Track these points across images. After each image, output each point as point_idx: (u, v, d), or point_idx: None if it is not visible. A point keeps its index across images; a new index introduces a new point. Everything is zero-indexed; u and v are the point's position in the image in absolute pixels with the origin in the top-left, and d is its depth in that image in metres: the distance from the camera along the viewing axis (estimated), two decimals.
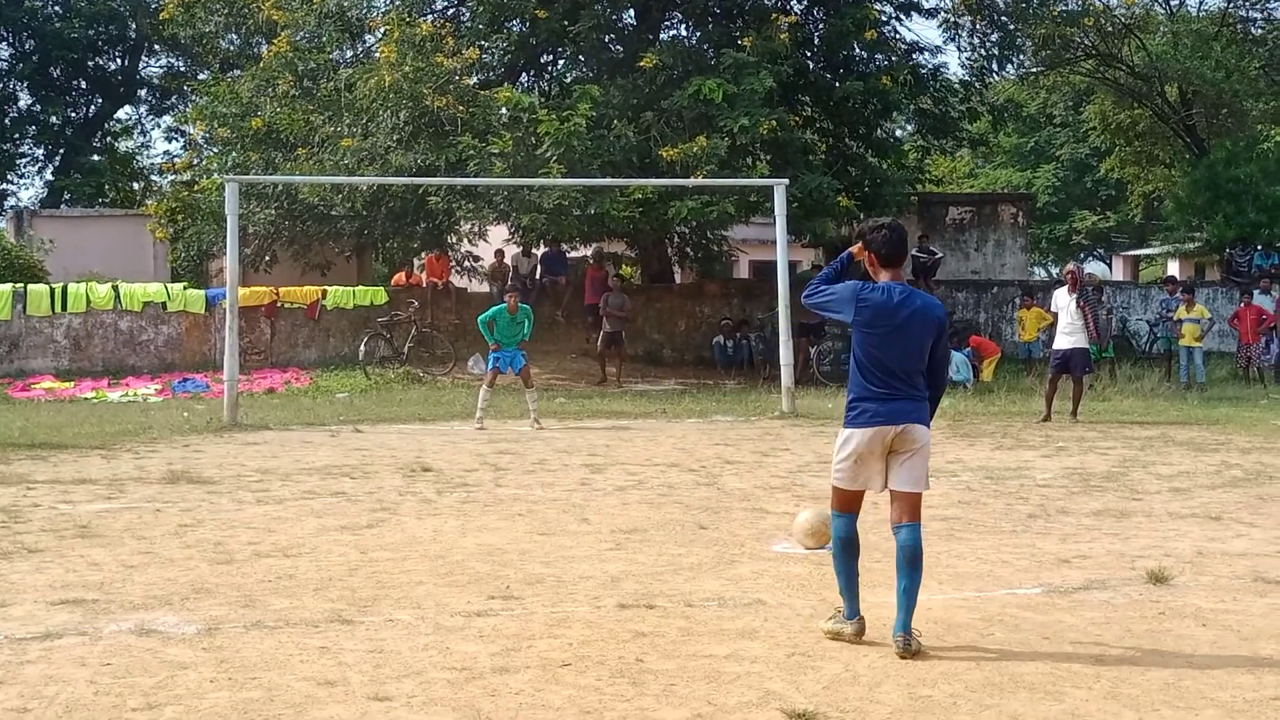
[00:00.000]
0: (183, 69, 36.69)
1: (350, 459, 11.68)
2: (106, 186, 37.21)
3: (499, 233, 25.15)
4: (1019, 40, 26.51)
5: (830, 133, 23.94)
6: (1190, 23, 31.62)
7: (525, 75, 24.51)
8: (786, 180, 17.53)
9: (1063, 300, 15.09)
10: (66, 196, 35.75)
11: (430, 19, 22.22)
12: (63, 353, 21.14)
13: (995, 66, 26.51)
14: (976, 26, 25.48)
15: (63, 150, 37.64)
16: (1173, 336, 21.59)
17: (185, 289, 22.29)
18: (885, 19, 23.71)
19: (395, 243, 23.80)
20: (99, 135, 39.49)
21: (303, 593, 6.40)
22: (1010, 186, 43.41)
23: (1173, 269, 35.83)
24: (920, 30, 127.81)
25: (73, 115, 38.47)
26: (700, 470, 11.00)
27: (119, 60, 38.60)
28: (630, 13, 23.57)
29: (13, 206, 34.39)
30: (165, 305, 21.71)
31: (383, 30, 21.65)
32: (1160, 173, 34.60)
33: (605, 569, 7.00)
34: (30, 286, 21.39)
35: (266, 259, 23.30)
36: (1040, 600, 6.31)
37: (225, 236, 16.05)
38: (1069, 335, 14.93)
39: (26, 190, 41.23)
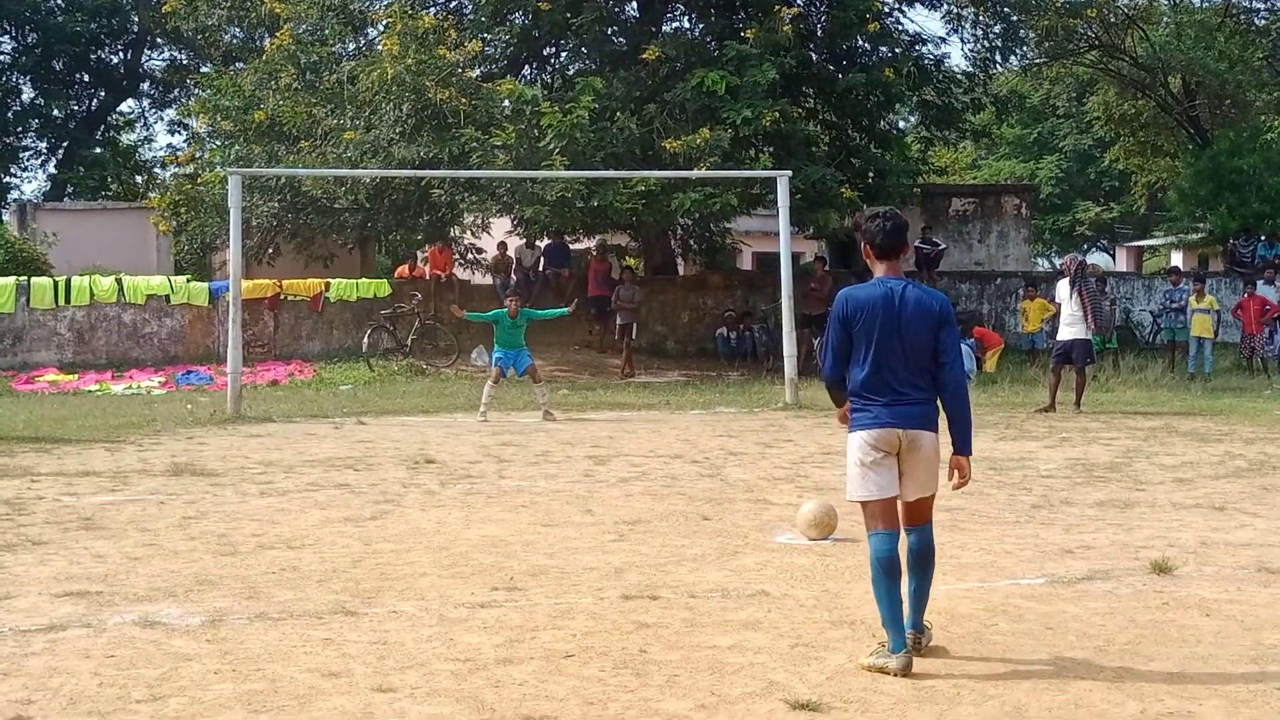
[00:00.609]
0: (185, 62, 36.71)
1: (354, 451, 11.68)
2: (109, 179, 37.17)
3: (502, 225, 25.09)
4: (1022, 31, 26.55)
5: (833, 124, 23.92)
6: (1193, 13, 31.60)
7: (528, 67, 24.47)
8: (789, 172, 17.61)
9: (1064, 291, 15.16)
10: (69, 190, 35.76)
11: (433, 12, 22.17)
12: (66, 345, 21.27)
13: (998, 58, 26.59)
14: (979, 18, 25.54)
15: (66, 143, 37.60)
16: (1176, 327, 21.60)
17: (188, 282, 22.40)
18: (888, 10, 23.69)
19: (398, 235, 23.84)
20: (102, 128, 39.44)
21: (306, 584, 6.40)
22: (1013, 178, 43.37)
23: (1176, 260, 35.73)
24: (923, 22, 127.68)
25: (75, 108, 38.44)
26: (704, 462, 10.99)
27: (122, 53, 38.55)
28: (633, 4, 23.57)
29: (16, 200, 34.37)
30: (168, 298, 21.83)
31: (385, 23, 21.67)
32: (1163, 163, 34.55)
33: (609, 560, 6.98)
34: (34, 279, 21.50)
35: (269, 251, 23.30)
36: (1044, 591, 6.28)
37: (228, 229, 16.10)
38: (1070, 326, 15.01)
39: (30, 183, 41.25)
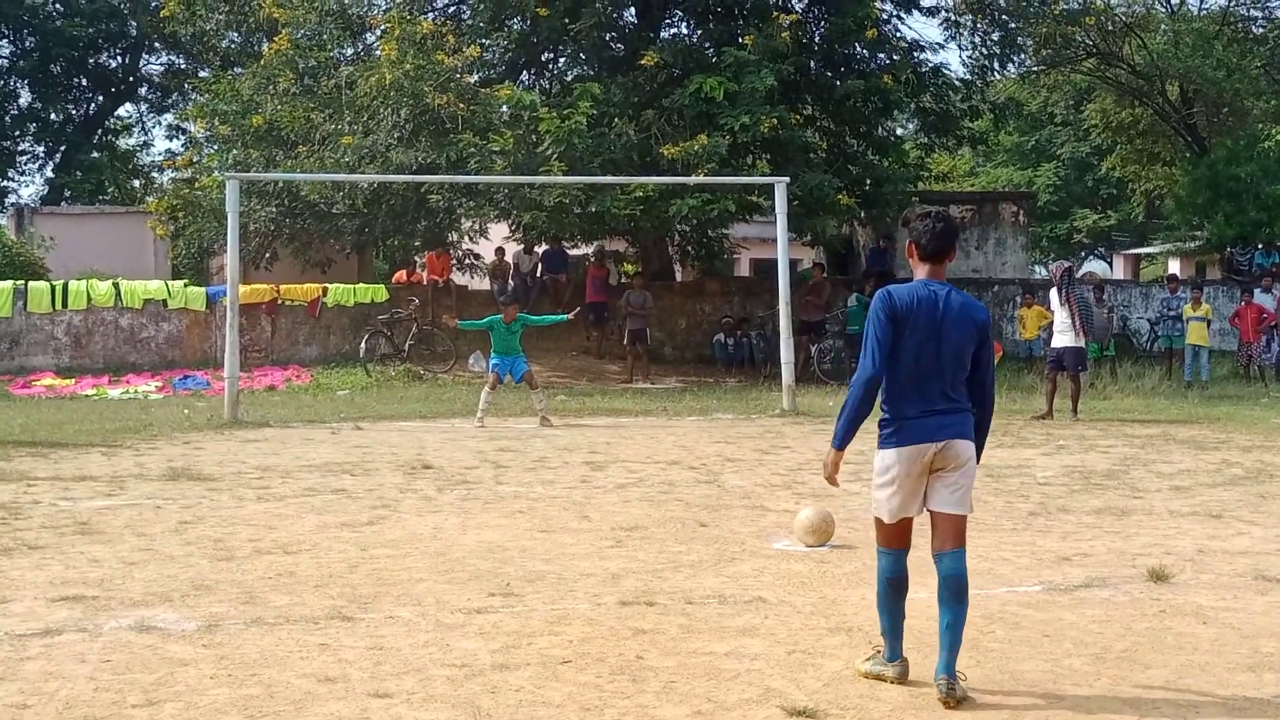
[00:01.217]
0: (183, 66, 36.67)
1: (351, 456, 11.67)
2: (107, 184, 37.24)
3: (500, 230, 25.07)
4: (1020, 39, 26.46)
5: (831, 131, 23.90)
6: (1191, 21, 31.54)
7: (526, 73, 24.46)
8: (787, 178, 17.54)
9: (1055, 299, 15.22)
10: (67, 194, 35.78)
11: (431, 17, 22.22)
12: (63, 350, 21.25)
13: (996, 65, 26.48)
14: (977, 25, 25.49)
15: (63, 147, 37.61)
16: (1173, 335, 21.55)
17: (186, 286, 22.38)
18: (886, 17, 23.67)
19: (396, 240, 23.77)
20: (100, 133, 39.46)
21: (303, 590, 6.38)
22: (1011, 185, 43.31)
23: (1174, 267, 35.80)
24: (921, 29, 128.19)
25: (73, 112, 38.44)
26: (701, 468, 11.00)
27: (120, 58, 38.56)
28: (631, 10, 23.55)
29: (14, 203, 34.37)
30: (166, 302, 21.79)
31: (383, 28, 21.62)
32: (1161, 171, 34.49)
33: (606, 566, 6.98)
34: (31, 283, 21.48)
35: (267, 256, 23.21)
36: (1041, 598, 6.28)
37: (226, 234, 16.05)
38: (1062, 334, 15.09)
39: (27, 187, 41.38)
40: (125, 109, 40.82)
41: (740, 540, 7.77)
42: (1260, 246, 25.73)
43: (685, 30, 24.07)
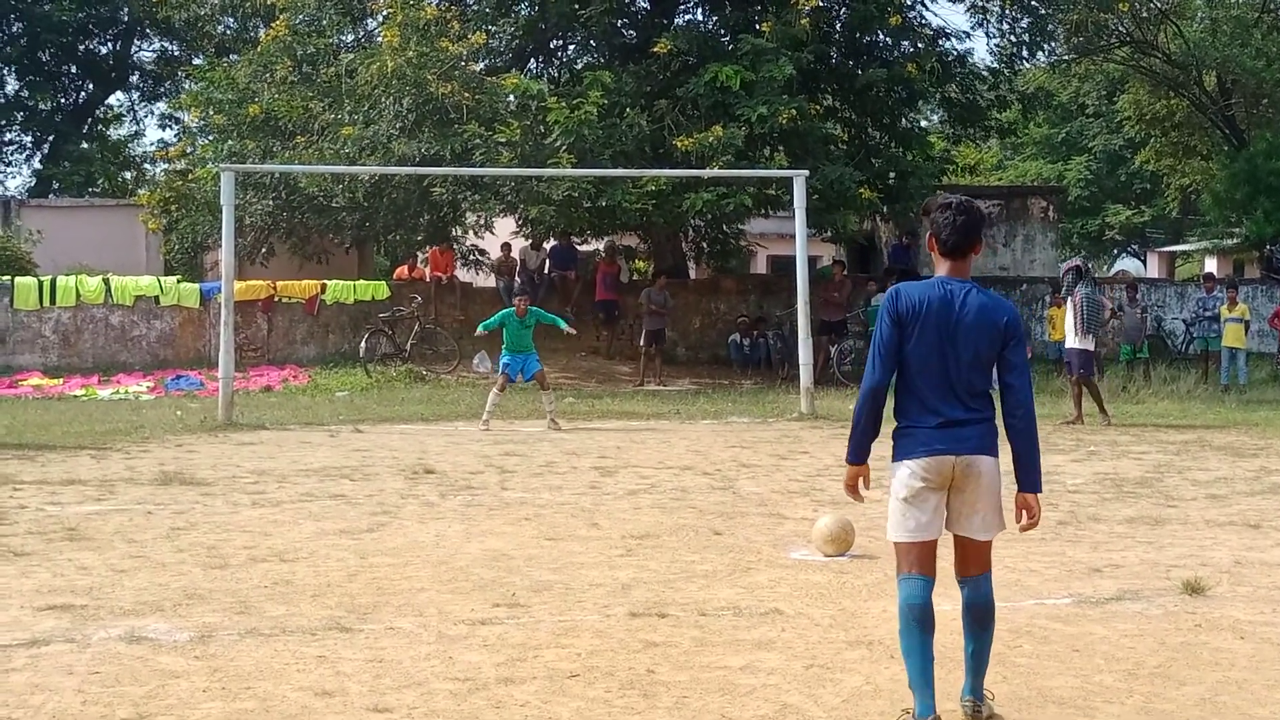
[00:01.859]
0: (177, 53, 36.53)
1: (350, 460, 11.66)
2: (97, 175, 37.19)
3: (506, 225, 25.18)
4: (1050, 26, 26.33)
5: (852, 122, 23.87)
6: (1229, 9, 31.52)
7: (534, 61, 24.48)
8: (806, 171, 17.43)
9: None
10: (55, 185, 35.63)
11: (435, 2, 22.07)
12: (51, 348, 21.36)
13: (1025, 53, 26.29)
14: (1006, 11, 25.23)
15: (52, 137, 37.39)
16: (1209, 336, 21.51)
17: (179, 282, 22.39)
18: (910, 3, 23.46)
19: (398, 235, 23.80)
20: (89, 122, 39.25)
21: (300, 599, 6.37)
22: (1040, 179, 43.46)
23: (1210, 266, 35.66)
24: (947, 15, 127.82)
25: (62, 101, 38.20)
26: (715, 474, 10.97)
27: (110, 44, 38.21)
28: None
29: (0, 196, 33.93)
30: (158, 299, 21.86)
31: (385, 13, 21.52)
32: (1197, 165, 34.58)
33: (615, 576, 6.96)
34: (18, 279, 21.37)
35: (263, 251, 23.22)
36: (1070, 611, 6.22)
37: (221, 228, 15.96)
38: (1069, 335, 15.09)
39: (14, 179, 41.23)
40: (116, 97, 40.42)
41: (756, 549, 7.73)
42: None
43: (700, 16, 24.19)
